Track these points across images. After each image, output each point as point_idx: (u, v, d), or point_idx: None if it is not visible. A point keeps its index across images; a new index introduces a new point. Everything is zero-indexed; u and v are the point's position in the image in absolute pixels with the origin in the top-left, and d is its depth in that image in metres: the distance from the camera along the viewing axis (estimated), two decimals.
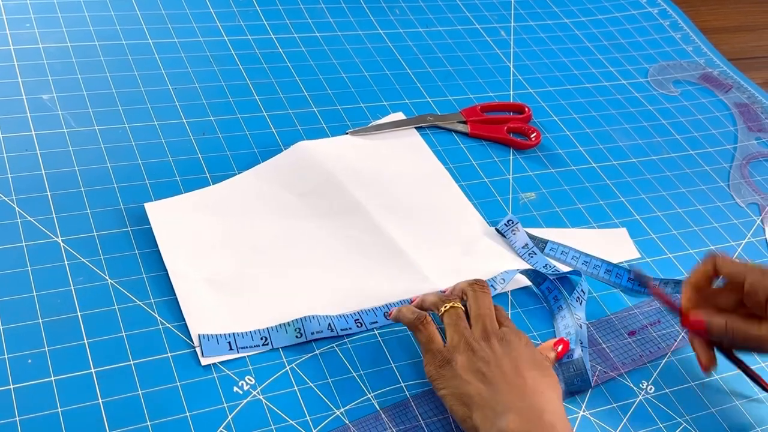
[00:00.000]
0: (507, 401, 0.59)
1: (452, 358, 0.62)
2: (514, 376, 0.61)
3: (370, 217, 0.79)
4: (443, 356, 0.63)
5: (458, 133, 0.92)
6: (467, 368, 0.61)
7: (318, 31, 1.02)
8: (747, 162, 0.97)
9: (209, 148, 0.83)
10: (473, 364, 0.61)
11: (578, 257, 0.79)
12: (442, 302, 0.67)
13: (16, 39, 0.90)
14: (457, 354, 0.62)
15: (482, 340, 0.63)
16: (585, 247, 0.80)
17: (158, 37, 0.95)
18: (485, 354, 0.62)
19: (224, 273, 0.72)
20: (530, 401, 0.59)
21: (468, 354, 0.62)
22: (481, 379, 0.61)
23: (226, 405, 0.63)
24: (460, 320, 0.65)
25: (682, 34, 1.17)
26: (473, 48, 1.06)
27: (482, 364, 0.61)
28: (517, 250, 0.79)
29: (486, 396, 0.60)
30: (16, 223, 0.72)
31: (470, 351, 0.62)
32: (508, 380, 0.60)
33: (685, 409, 0.69)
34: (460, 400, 0.61)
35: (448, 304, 0.66)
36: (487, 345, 0.63)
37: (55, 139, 0.80)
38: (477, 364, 0.61)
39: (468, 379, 0.61)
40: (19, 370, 0.62)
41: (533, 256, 0.78)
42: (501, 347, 0.63)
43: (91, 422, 0.60)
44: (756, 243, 0.87)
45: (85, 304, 0.67)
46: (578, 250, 0.79)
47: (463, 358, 0.62)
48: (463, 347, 0.63)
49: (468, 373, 0.61)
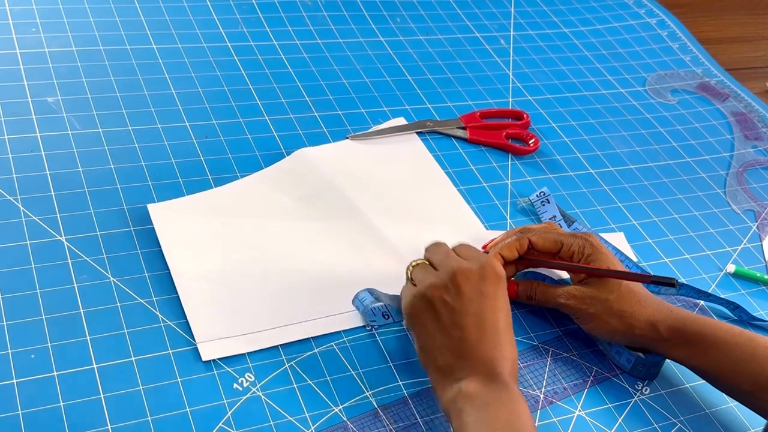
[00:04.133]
0: (467, 365, 0.61)
1: (417, 300, 0.64)
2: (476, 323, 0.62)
3: (370, 220, 0.80)
4: (411, 298, 0.65)
5: (457, 139, 0.93)
6: (431, 316, 0.63)
7: (320, 38, 1.04)
8: (743, 169, 0.98)
9: (212, 151, 0.84)
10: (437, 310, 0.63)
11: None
12: (409, 265, 0.69)
13: (22, 43, 0.92)
14: (421, 296, 0.64)
15: (448, 280, 0.64)
16: None
17: (162, 43, 0.97)
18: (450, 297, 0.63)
19: (225, 273, 0.73)
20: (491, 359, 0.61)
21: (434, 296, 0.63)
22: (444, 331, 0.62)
23: (225, 401, 0.64)
24: (426, 267, 0.67)
25: (679, 44, 1.18)
26: (473, 56, 1.07)
27: (445, 311, 0.63)
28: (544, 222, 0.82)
29: (448, 359, 0.62)
30: (20, 222, 0.73)
31: (437, 292, 0.63)
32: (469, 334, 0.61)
33: (679, 410, 0.70)
34: (425, 355, 0.64)
35: (413, 263, 0.68)
36: (452, 284, 0.63)
37: (59, 141, 0.81)
38: (441, 310, 0.63)
39: (432, 333, 0.63)
40: (23, 364, 0.63)
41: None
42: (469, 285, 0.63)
43: (93, 417, 0.61)
44: (752, 249, 0.88)
45: (88, 302, 0.68)
46: (603, 238, 0.81)
47: (426, 301, 0.64)
48: (429, 285, 0.64)
49: (432, 323, 0.63)
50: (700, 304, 0.80)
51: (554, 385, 0.70)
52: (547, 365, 0.71)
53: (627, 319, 0.69)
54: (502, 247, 0.73)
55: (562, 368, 0.71)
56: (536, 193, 0.86)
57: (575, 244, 0.72)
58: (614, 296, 0.69)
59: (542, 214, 0.84)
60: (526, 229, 0.74)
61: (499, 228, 0.83)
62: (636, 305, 0.69)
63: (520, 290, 0.74)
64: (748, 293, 0.82)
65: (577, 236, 0.73)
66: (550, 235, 0.73)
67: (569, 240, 0.72)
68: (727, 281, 0.83)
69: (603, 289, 0.70)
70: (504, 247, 0.73)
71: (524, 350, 0.72)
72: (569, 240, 0.72)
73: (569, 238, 0.72)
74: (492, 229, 0.83)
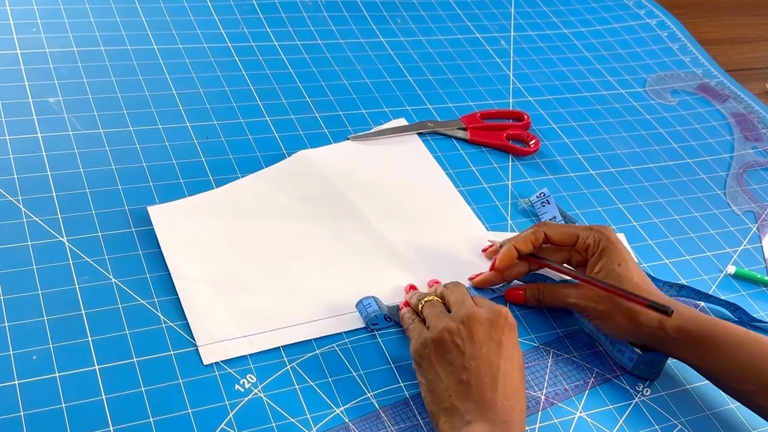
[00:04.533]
0: (475, 409, 0.60)
1: (428, 341, 0.64)
2: (487, 370, 0.61)
3: (371, 221, 0.80)
4: (422, 338, 0.64)
5: (458, 140, 0.94)
6: (441, 358, 0.62)
7: (321, 39, 1.04)
8: (743, 171, 0.98)
9: (212, 152, 0.84)
10: (448, 352, 0.62)
11: None
12: (419, 301, 0.69)
13: (23, 43, 0.92)
14: (432, 338, 0.63)
15: (461, 323, 0.64)
16: None
17: (163, 43, 0.97)
18: (461, 340, 0.62)
19: (225, 274, 0.73)
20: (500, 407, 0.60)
21: (445, 338, 0.63)
22: (454, 374, 0.61)
23: (227, 402, 0.64)
24: (436, 306, 0.67)
25: (679, 45, 1.18)
26: (473, 56, 1.08)
27: (456, 353, 0.62)
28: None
29: (455, 402, 0.60)
30: (22, 222, 0.73)
31: (448, 334, 0.63)
32: (479, 379, 0.61)
33: (680, 412, 0.70)
34: (432, 397, 0.62)
35: (425, 299, 0.69)
36: (465, 328, 0.63)
37: (60, 142, 0.81)
38: (452, 353, 0.62)
39: (441, 375, 0.62)
40: (24, 366, 0.63)
41: None
42: (481, 330, 0.63)
43: (95, 418, 0.61)
44: (752, 250, 0.88)
45: (90, 303, 0.68)
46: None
47: (437, 343, 0.63)
48: (441, 328, 0.64)
49: (442, 365, 0.62)
50: (700, 305, 0.80)
51: (555, 386, 0.70)
52: (548, 366, 0.71)
53: (635, 317, 0.69)
54: (517, 240, 0.73)
55: (563, 369, 0.71)
56: (536, 194, 0.86)
57: (591, 237, 0.72)
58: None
59: (542, 215, 0.84)
60: (542, 223, 0.75)
61: (499, 229, 0.83)
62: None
63: (528, 295, 0.75)
64: (748, 294, 0.82)
65: (593, 229, 0.73)
66: (566, 228, 0.74)
67: (585, 233, 0.73)
68: (728, 282, 0.83)
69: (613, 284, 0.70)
70: (519, 240, 0.73)
71: (525, 351, 0.72)
72: (585, 233, 0.73)
73: (585, 230, 0.73)
74: (493, 230, 0.83)
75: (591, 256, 0.72)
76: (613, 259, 0.71)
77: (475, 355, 0.61)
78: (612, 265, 0.70)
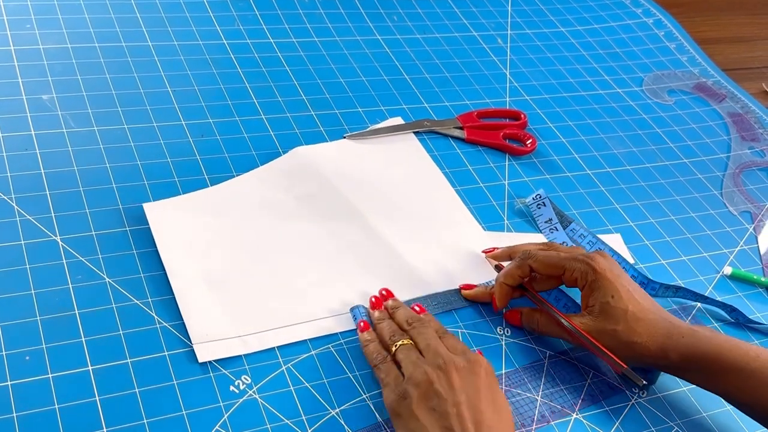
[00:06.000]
0: None
1: (408, 390, 0.61)
2: (471, 415, 0.59)
3: (367, 220, 0.80)
4: (401, 388, 0.62)
5: (455, 139, 0.93)
6: (423, 406, 0.60)
7: (317, 36, 1.03)
8: (740, 171, 0.98)
9: (207, 150, 0.84)
10: (430, 401, 0.60)
11: (594, 243, 0.81)
12: (392, 342, 0.66)
13: (17, 40, 0.91)
14: (412, 386, 0.61)
15: (438, 369, 0.62)
16: None
17: (158, 40, 0.96)
18: (442, 387, 0.61)
19: (221, 273, 0.72)
20: None
21: (425, 386, 0.61)
22: (438, 421, 0.59)
23: (222, 404, 0.63)
24: (412, 352, 0.65)
25: (677, 44, 1.18)
26: (470, 55, 1.07)
27: (438, 401, 0.60)
28: (540, 225, 0.82)
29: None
30: (15, 221, 0.72)
31: (427, 383, 0.61)
32: (463, 424, 0.59)
33: (676, 414, 0.70)
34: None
35: (398, 343, 0.66)
36: (444, 374, 0.62)
37: (54, 139, 0.81)
38: (433, 401, 0.60)
39: (425, 423, 0.59)
40: (17, 366, 0.62)
41: (554, 231, 0.80)
42: (459, 378, 0.61)
43: (88, 419, 0.60)
44: (748, 250, 0.88)
45: (83, 303, 0.67)
46: (598, 237, 0.81)
47: (419, 391, 0.61)
48: (420, 376, 0.61)
49: (424, 413, 0.60)
50: (697, 307, 0.80)
51: (551, 388, 0.70)
52: (545, 368, 0.71)
53: (637, 350, 0.67)
54: (505, 276, 0.72)
55: (559, 371, 0.71)
56: (532, 196, 0.85)
57: (577, 270, 0.69)
58: (622, 327, 0.67)
59: (538, 217, 0.84)
60: (527, 255, 0.72)
61: (496, 229, 0.83)
62: (645, 335, 0.67)
63: (523, 321, 0.73)
64: (744, 295, 0.82)
65: (577, 259, 0.70)
66: (552, 259, 0.71)
67: (572, 264, 0.70)
68: (724, 283, 0.83)
69: (610, 319, 0.68)
70: (507, 276, 0.72)
71: (524, 351, 0.72)
72: (572, 264, 0.70)
73: (572, 262, 0.70)
74: (490, 230, 0.83)
75: (582, 288, 0.70)
76: (605, 293, 0.68)
77: (457, 401, 0.60)
78: (605, 299, 0.68)
